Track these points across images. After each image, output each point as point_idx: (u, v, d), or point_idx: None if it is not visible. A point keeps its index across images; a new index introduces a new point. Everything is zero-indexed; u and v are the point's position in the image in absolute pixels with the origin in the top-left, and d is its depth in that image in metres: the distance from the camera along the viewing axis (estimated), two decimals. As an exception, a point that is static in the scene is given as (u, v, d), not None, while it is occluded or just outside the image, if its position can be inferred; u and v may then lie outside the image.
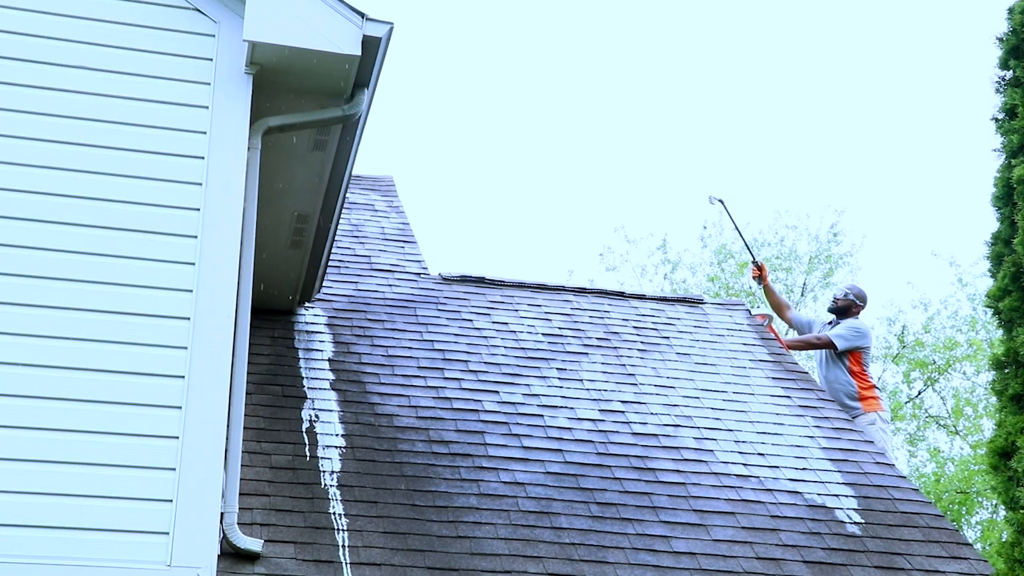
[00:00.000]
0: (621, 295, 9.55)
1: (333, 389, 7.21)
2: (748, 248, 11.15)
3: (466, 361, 7.88)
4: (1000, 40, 5.37)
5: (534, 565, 5.77)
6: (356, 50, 5.87)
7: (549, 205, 34.46)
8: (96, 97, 5.69)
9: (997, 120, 5.34)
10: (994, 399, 5.24)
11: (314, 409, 6.92)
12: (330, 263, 8.88)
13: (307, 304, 8.27)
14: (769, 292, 10.63)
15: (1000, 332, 5.19)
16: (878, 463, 7.47)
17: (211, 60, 5.90)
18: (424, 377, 7.56)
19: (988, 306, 5.24)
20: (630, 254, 23.07)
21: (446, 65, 36.62)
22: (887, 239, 29.93)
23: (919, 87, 33.87)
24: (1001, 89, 5.40)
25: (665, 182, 33.22)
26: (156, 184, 5.62)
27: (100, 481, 5.05)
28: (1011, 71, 5.32)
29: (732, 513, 6.56)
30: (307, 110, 6.18)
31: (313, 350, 7.70)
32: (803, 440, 7.59)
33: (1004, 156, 5.22)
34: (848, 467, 7.33)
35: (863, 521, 6.70)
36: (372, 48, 5.96)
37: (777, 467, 7.17)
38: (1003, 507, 4.59)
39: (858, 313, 9.91)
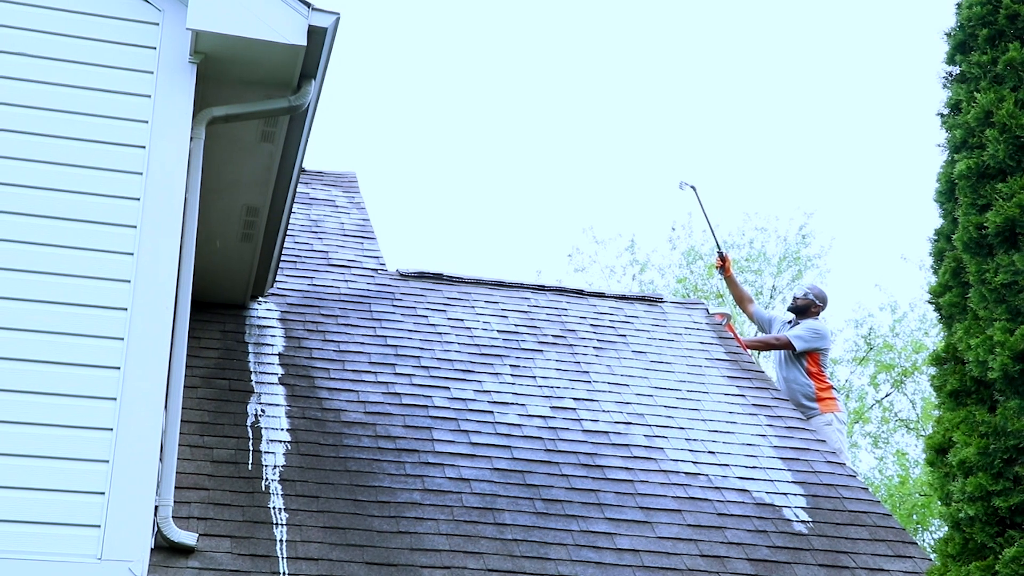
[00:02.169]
0: (580, 293, 9.50)
1: (281, 384, 7.14)
2: (715, 236, 11.03)
3: (418, 357, 7.82)
4: (948, 35, 5.36)
5: (474, 561, 5.72)
6: (302, 40, 5.82)
7: (518, 205, 34.45)
8: (36, 84, 5.61)
9: (942, 116, 5.33)
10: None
11: (260, 404, 6.86)
12: (286, 258, 8.82)
13: (260, 298, 8.20)
14: (731, 283, 10.60)
15: (942, 329, 5.18)
16: (829, 462, 7.45)
17: (155, 48, 5.83)
18: (375, 373, 7.50)
19: (930, 303, 5.24)
20: (599, 255, 23.08)
21: (414, 61, 36.56)
22: (856, 242, 30.05)
23: (891, 89, 34.03)
24: (948, 85, 5.39)
25: (634, 183, 33.26)
26: (96, 173, 5.55)
27: (30, 473, 4.97)
28: (957, 66, 5.31)
29: (679, 511, 6.52)
30: (253, 100, 6.12)
31: (264, 344, 7.64)
32: (755, 439, 7.57)
33: (948, 151, 5.21)
34: (799, 466, 7.31)
35: (810, 520, 6.68)
36: (318, 38, 5.90)
37: (727, 465, 7.14)
38: (939, 502, 4.58)
39: (817, 313, 9.91)
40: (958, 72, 5.38)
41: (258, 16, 5.79)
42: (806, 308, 9.87)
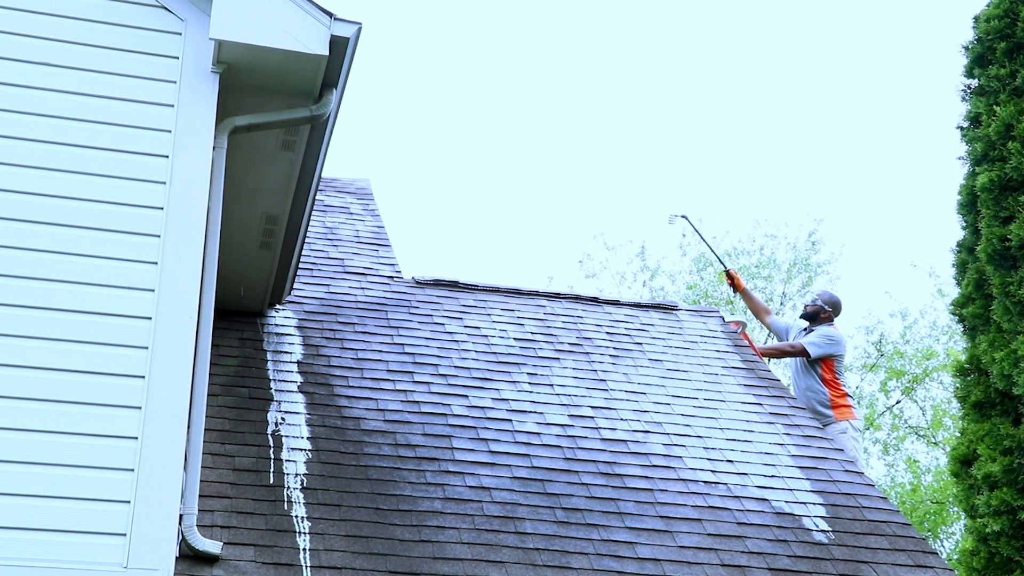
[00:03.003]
0: (595, 300, 9.52)
1: (300, 392, 7.16)
2: (718, 258, 11.22)
3: (436, 365, 7.84)
4: (966, 49, 5.37)
5: (496, 570, 5.74)
6: (324, 50, 5.84)
7: (529, 211, 34.48)
8: (59, 94, 5.63)
9: (962, 128, 5.34)
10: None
11: (280, 412, 6.87)
12: (303, 265, 8.84)
13: (277, 306, 8.22)
14: (747, 297, 10.66)
15: (964, 340, 5.19)
16: (847, 471, 7.45)
17: (177, 58, 5.85)
18: (393, 381, 7.52)
19: (953, 314, 5.25)
20: (609, 261, 23.10)
21: (427, 69, 36.61)
22: (866, 248, 30.03)
23: (901, 96, 34.01)
24: (967, 98, 5.40)
25: (645, 189, 33.27)
26: (119, 182, 5.57)
27: (56, 481, 4.99)
28: (976, 80, 5.31)
29: (699, 520, 6.53)
30: (274, 110, 6.14)
31: (282, 352, 7.65)
32: (773, 447, 7.57)
33: (968, 164, 5.21)
34: (817, 475, 7.31)
35: (830, 529, 6.69)
36: (340, 48, 5.92)
37: (745, 474, 7.14)
38: (964, 515, 4.58)
39: (829, 320, 9.91)
40: (976, 85, 5.39)
41: (280, 26, 5.81)
42: (816, 315, 9.89)
